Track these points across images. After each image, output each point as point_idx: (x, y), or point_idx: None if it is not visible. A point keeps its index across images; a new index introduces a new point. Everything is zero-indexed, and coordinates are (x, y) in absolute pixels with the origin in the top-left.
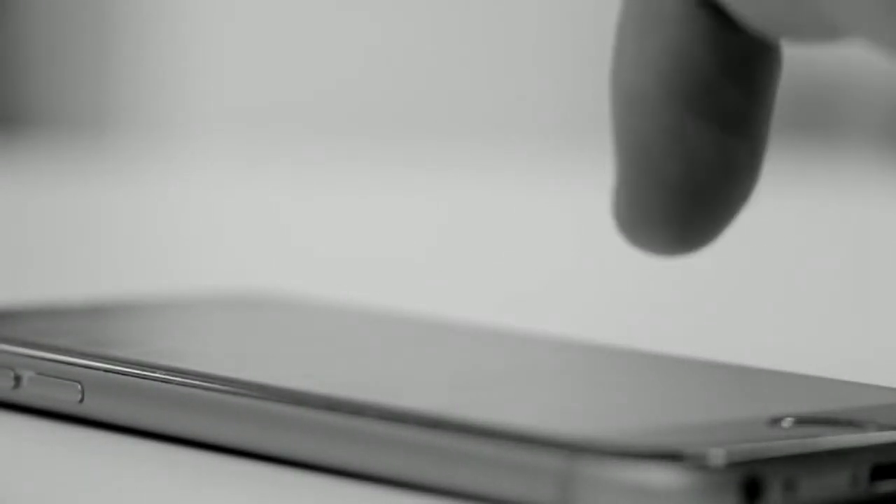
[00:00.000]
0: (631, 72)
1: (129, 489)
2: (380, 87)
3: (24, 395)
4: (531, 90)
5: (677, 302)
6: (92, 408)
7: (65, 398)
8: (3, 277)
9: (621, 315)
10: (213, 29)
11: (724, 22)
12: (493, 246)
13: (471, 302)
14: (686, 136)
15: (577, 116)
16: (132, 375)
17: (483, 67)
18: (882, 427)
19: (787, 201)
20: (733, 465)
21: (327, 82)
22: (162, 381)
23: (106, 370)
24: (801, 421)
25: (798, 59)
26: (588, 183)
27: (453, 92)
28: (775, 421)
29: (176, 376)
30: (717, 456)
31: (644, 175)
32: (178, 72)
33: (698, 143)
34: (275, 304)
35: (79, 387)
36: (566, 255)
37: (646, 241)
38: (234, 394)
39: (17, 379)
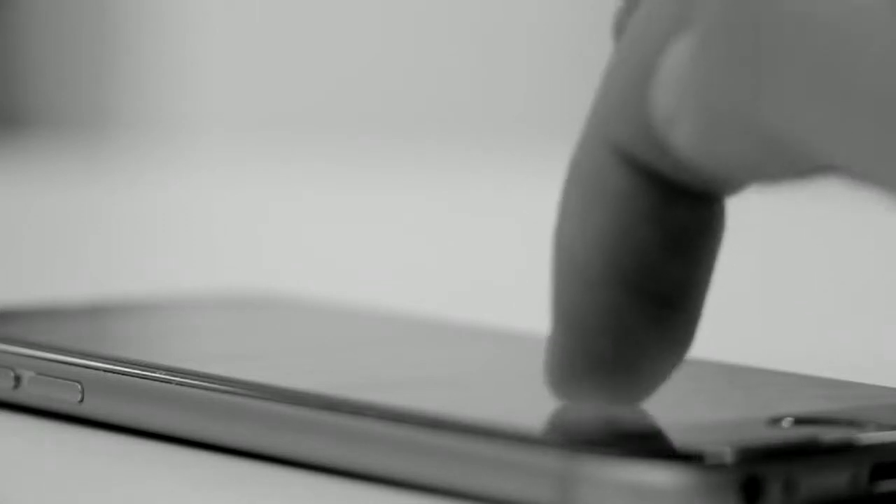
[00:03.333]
0: (573, 242)
1: (129, 489)
2: (380, 88)
3: (24, 395)
4: (531, 89)
5: None
6: (92, 408)
7: (65, 398)
8: (3, 277)
9: None
10: (213, 29)
11: (668, 195)
12: (493, 246)
13: (471, 302)
14: (622, 314)
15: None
16: (132, 375)
17: (484, 67)
18: (882, 427)
19: (788, 201)
20: (733, 465)
21: (327, 83)
22: (162, 381)
23: (106, 370)
24: (801, 421)
25: None
26: None
27: (454, 92)
28: (775, 421)
29: (176, 376)
30: (717, 456)
31: (576, 345)
32: (178, 72)
33: (634, 321)
34: (274, 304)
35: (79, 387)
36: None
37: (576, 399)
38: (234, 394)
39: (18, 379)
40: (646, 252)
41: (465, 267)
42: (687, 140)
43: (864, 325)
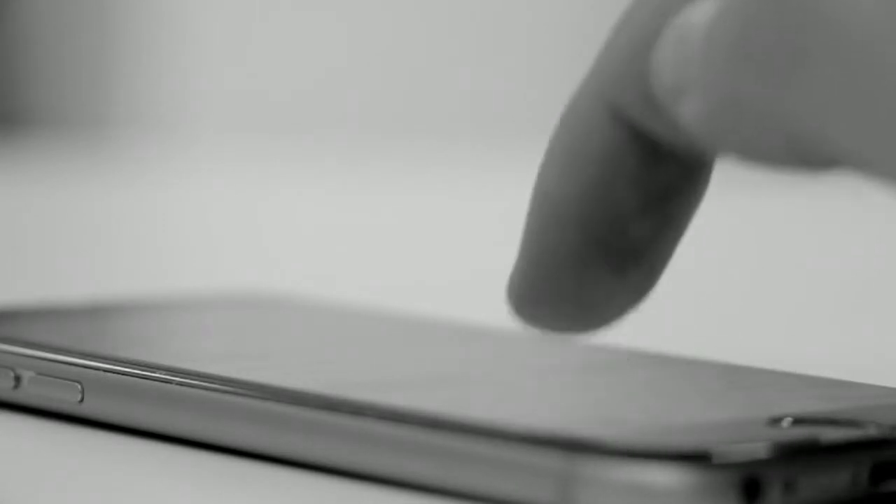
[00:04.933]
0: (552, 184)
1: (129, 489)
2: (380, 88)
3: (24, 395)
4: (530, 89)
5: (677, 302)
6: (92, 408)
7: (65, 398)
8: (3, 277)
9: None
10: (213, 29)
11: (654, 156)
12: (492, 245)
13: (471, 302)
14: (584, 261)
15: None
16: (132, 375)
17: (485, 67)
18: (882, 427)
19: (788, 201)
20: (733, 465)
21: (328, 82)
22: (162, 381)
23: (106, 370)
24: (801, 421)
25: None
26: None
27: (454, 91)
28: (775, 421)
29: (176, 376)
30: (717, 456)
31: (539, 276)
32: (178, 72)
33: (596, 267)
34: (274, 304)
35: (79, 387)
36: None
37: (532, 325)
38: (234, 394)
39: (18, 379)
40: (619, 209)
41: (466, 267)
42: (694, 116)
43: (864, 325)
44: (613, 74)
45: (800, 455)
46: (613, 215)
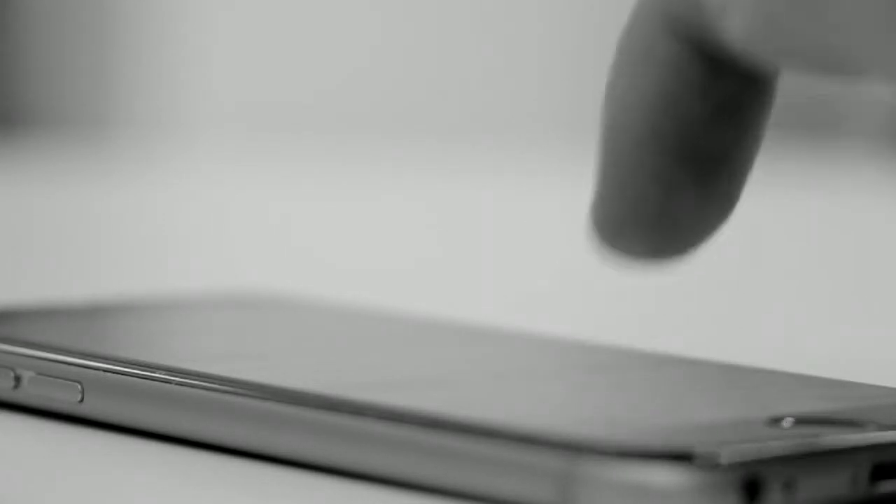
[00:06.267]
0: (620, 106)
1: (129, 489)
2: (380, 89)
3: (24, 395)
4: (532, 90)
5: (677, 302)
6: (92, 408)
7: (65, 398)
8: (3, 277)
9: (621, 315)
10: (213, 29)
11: (714, 68)
12: (493, 246)
13: (471, 302)
14: (665, 177)
15: (577, 116)
16: (132, 375)
17: (486, 67)
18: (882, 427)
19: (788, 201)
20: (733, 465)
21: (327, 83)
22: (162, 381)
23: (106, 370)
24: (801, 421)
25: None
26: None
27: (455, 92)
28: (775, 421)
29: (176, 376)
30: (717, 456)
31: (622, 194)
32: (177, 72)
33: (677, 183)
34: (274, 304)
35: (79, 387)
36: (566, 255)
37: (618, 251)
38: (234, 394)
39: (17, 379)
40: (688, 121)
41: (466, 267)
42: (738, 33)
43: (864, 325)
44: None
45: (800, 455)
46: (685, 125)
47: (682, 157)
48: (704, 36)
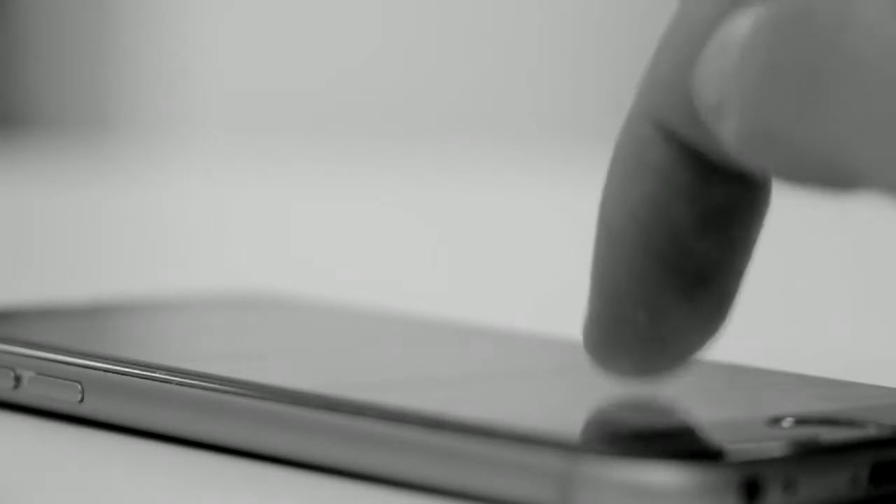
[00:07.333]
0: (613, 213)
1: (129, 489)
2: (381, 89)
3: (24, 395)
4: (533, 90)
5: None
6: (92, 408)
7: (65, 398)
8: (3, 277)
9: None
10: (213, 29)
11: (707, 173)
12: (492, 246)
13: (471, 302)
14: (653, 288)
15: (577, 116)
16: (132, 375)
17: (487, 67)
18: (882, 427)
19: (788, 201)
20: (733, 465)
21: (328, 83)
22: (162, 381)
23: (106, 370)
24: (801, 421)
25: None
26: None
27: (456, 92)
28: (775, 421)
29: (176, 376)
30: (717, 456)
31: (612, 317)
32: (177, 72)
33: (665, 295)
34: (274, 305)
35: (79, 387)
36: (565, 255)
37: (611, 369)
38: (234, 394)
39: (18, 379)
40: (680, 229)
41: (466, 267)
42: (732, 135)
43: (864, 325)
44: (659, 90)
45: (800, 455)
46: (675, 235)
47: (671, 267)
48: (697, 136)
